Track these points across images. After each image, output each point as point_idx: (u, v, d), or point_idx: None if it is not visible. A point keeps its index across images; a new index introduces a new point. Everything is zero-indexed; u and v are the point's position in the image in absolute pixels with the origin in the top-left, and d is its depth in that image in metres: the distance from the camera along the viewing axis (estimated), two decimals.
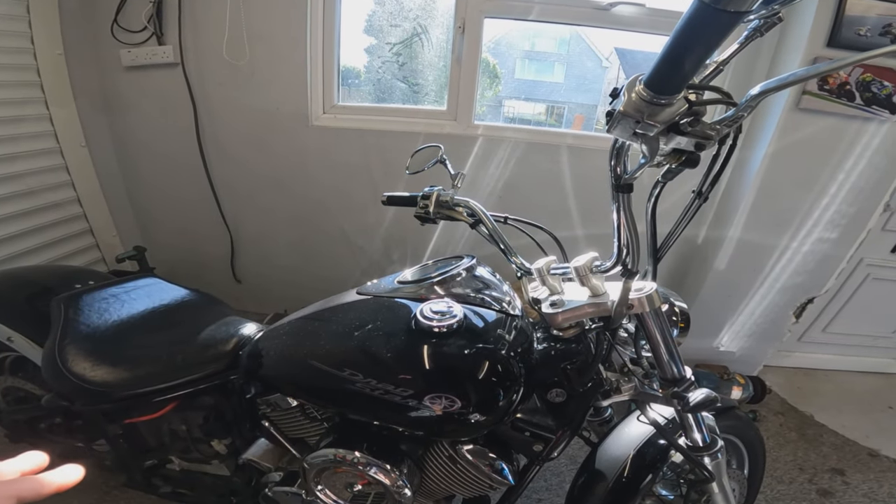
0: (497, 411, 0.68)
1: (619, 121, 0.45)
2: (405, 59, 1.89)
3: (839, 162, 1.56)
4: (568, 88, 4.03)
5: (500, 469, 0.81)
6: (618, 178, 0.58)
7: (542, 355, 0.77)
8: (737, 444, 1.07)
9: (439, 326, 0.67)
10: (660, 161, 0.51)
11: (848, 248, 1.75)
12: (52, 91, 1.80)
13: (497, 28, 1.90)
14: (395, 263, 2.11)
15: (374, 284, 0.85)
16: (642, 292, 0.66)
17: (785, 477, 1.58)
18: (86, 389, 0.88)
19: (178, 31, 1.73)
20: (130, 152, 2.05)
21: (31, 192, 1.80)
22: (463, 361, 0.67)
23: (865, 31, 1.34)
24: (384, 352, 0.68)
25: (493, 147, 1.81)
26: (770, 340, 2.01)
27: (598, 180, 1.80)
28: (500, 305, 0.77)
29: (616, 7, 1.61)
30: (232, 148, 1.94)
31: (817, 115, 1.49)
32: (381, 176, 1.91)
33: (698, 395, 0.69)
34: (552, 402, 0.79)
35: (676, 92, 0.41)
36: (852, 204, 1.63)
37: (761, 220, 1.69)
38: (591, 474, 0.90)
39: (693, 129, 0.44)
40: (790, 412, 1.92)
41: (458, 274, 0.79)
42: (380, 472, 0.75)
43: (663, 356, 0.72)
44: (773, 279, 1.83)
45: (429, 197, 0.92)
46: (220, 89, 1.83)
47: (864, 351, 2.18)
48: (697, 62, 0.37)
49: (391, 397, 0.66)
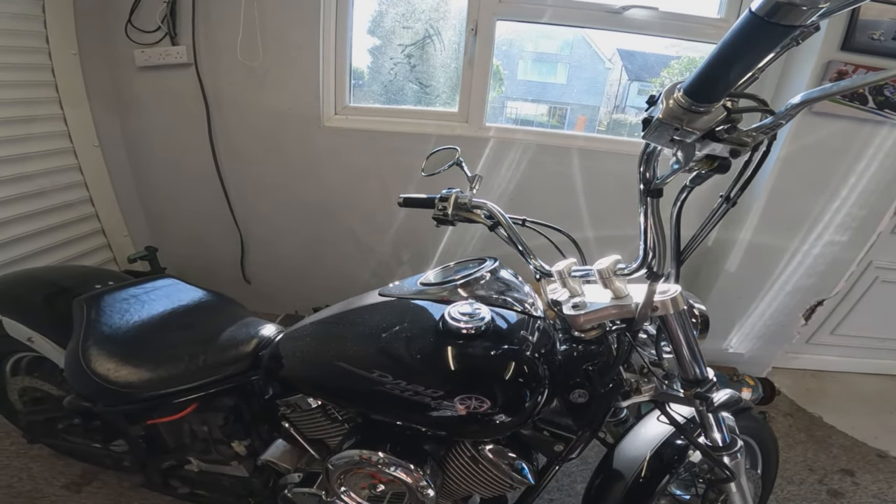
0: (523, 412, 0.69)
1: (656, 128, 0.45)
2: (417, 61, 1.90)
3: (850, 165, 1.56)
4: (570, 90, 4.03)
5: (520, 469, 0.81)
6: (647, 183, 0.58)
7: (565, 356, 0.77)
8: (751, 445, 1.08)
9: (467, 328, 0.67)
10: (691, 166, 0.52)
11: (858, 250, 1.76)
12: (67, 91, 1.81)
13: (504, 29, 1.91)
14: (405, 265, 2.12)
15: (397, 286, 0.86)
16: (667, 295, 0.67)
17: (795, 478, 1.58)
18: (109, 390, 0.89)
19: (192, 31, 1.74)
20: (142, 152, 2.06)
21: (43, 192, 1.81)
22: (491, 362, 0.67)
23: (879, 34, 1.35)
24: (414, 353, 0.69)
25: (503, 149, 1.81)
26: (779, 342, 2.01)
27: (607, 182, 1.81)
28: (523, 307, 0.78)
29: (629, 10, 1.62)
30: (243, 148, 1.95)
31: (830, 119, 1.49)
32: (392, 177, 1.91)
33: (722, 395, 0.70)
34: (574, 402, 0.79)
35: (717, 100, 0.42)
36: (863, 207, 1.63)
37: (772, 222, 1.70)
38: (608, 475, 0.91)
39: (729, 136, 0.44)
40: (799, 413, 1.92)
41: (482, 276, 0.80)
42: (404, 472, 0.75)
43: (686, 357, 0.73)
44: (784, 281, 1.83)
45: (447, 199, 0.93)
46: (232, 90, 1.84)
47: (873, 353, 2.18)
48: (743, 72, 0.38)
49: (421, 398, 0.67)
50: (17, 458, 1.39)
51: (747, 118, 0.48)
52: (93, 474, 1.36)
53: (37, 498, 1.28)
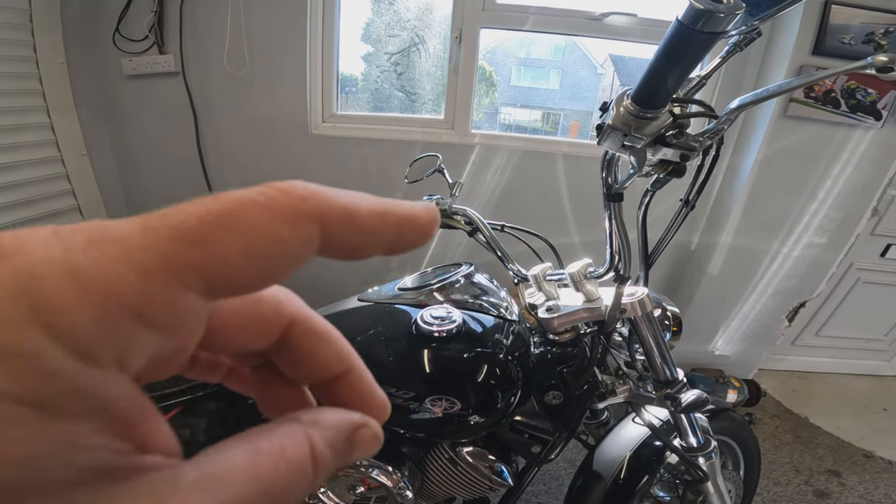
0: (496, 413, 0.70)
1: (608, 134, 0.47)
2: (403, 69, 1.92)
3: (827, 168, 1.60)
4: (563, 95, 4.06)
5: (499, 471, 0.82)
6: (609, 188, 0.60)
7: (539, 359, 0.79)
8: (732, 446, 1.09)
9: (439, 331, 0.69)
10: (648, 171, 0.54)
11: (838, 252, 1.79)
12: (54, 99, 1.82)
13: (493, 36, 1.94)
14: (394, 271, 2.13)
15: (375, 291, 0.87)
16: (634, 297, 0.68)
17: (781, 479, 1.60)
18: None
19: (179, 40, 1.75)
20: (131, 161, 2.07)
21: (31, 200, 1.81)
22: (462, 365, 0.69)
23: (849, 39, 1.38)
24: (386, 356, 0.70)
25: (490, 155, 1.83)
26: (764, 344, 2.03)
27: (592, 188, 1.81)
28: (498, 311, 0.80)
29: (609, 17, 1.65)
30: (232, 156, 1.96)
31: (804, 122, 1.53)
32: (380, 184, 1.93)
33: (690, 395, 0.71)
34: (549, 404, 0.80)
35: (661, 106, 0.44)
36: (840, 209, 1.66)
37: (752, 225, 1.73)
38: (588, 476, 0.92)
39: (678, 140, 0.46)
40: (785, 415, 1.94)
41: (456, 281, 0.81)
42: (382, 473, 0.76)
43: (656, 359, 0.74)
44: (766, 284, 1.86)
45: None
46: (220, 98, 1.85)
47: (858, 354, 2.21)
48: (679, 79, 0.40)
49: (393, 400, 0.68)
50: None
51: (702, 123, 0.50)
52: None
53: None
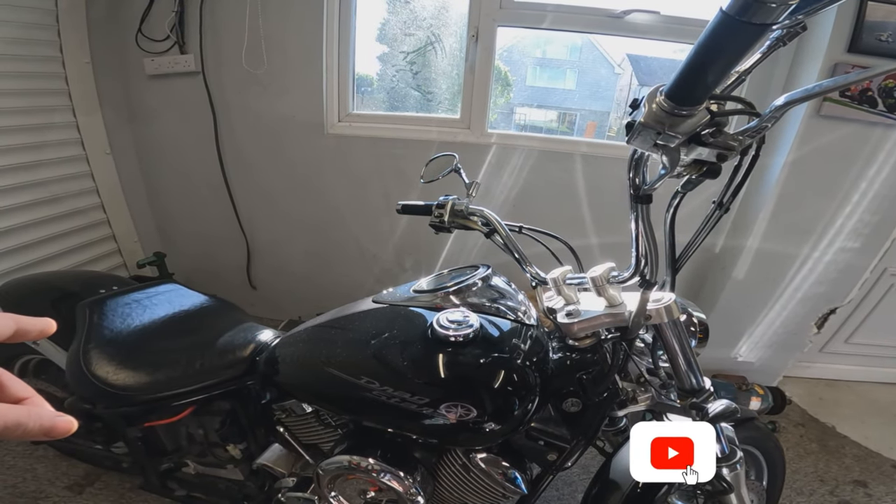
0: (512, 420, 0.68)
1: (639, 132, 0.45)
2: (419, 68, 1.91)
3: (861, 169, 1.53)
4: (580, 95, 4.01)
5: (513, 478, 0.80)
6: (636, 189, 0.57)
7: (558, 365, 0.76)
8: (756, 455, 1.05)
9: (455, 336, 0.67)
10: (680, 172, 0.51)
11: (871, 257, 1.71)
12: (80, 99, 1.86)
13: (509, 35, 1.91)
14: (408, 271, 2.12)
15: (390, 293, 0.86)
16: (660, 303, 0.65)
17: (805, 489, 1.54)
18: (108, 393, 0.90)
19: (199, 40, 1.77)
20: (152, 159, 2.10)
21: (56, 198, 1.86)
22: (479, 370, 0.67)
23: (887, 36, 1.32)
24: (401, 360, 0.69)
25: (506, 155, 1.81)
26: (790, 351, 1.96)
27: (611, 189, 1.79)
28: (516, 315, 0.77)
29: (630, 15, 1.61)
30: (250, 155, 1.98)
31: (839, 122, 1.46)
32: (395, 184, 1.92)
33: (718, 405, 0.68)
34: (567, 411, 0.78)
35: (698, 103, 0.41)
36: (875, 212, 1.59)
37: (781, 228, 1.66)
38: (605, 484, 0.89)
39: (715, 139, 0.43)
40: (811, 423, 1.87)
41: (473, 283, 0.79)
42: (393, 479, 0.75)
43: (682, 367, 0.71)
44: (794, 289, 1.79)
45: (444, 206, 0.92)
46: (238, 97, 1.87)
47: (889, 362, 2.11)
48: (721, 74, 0.37)
49: (407, 405, 0.66)
50: (22, 458, 1.41)
51: (740, 121, 0.47)
52: (95, 476, 1.38)
53: (39, 498, 1.29)
